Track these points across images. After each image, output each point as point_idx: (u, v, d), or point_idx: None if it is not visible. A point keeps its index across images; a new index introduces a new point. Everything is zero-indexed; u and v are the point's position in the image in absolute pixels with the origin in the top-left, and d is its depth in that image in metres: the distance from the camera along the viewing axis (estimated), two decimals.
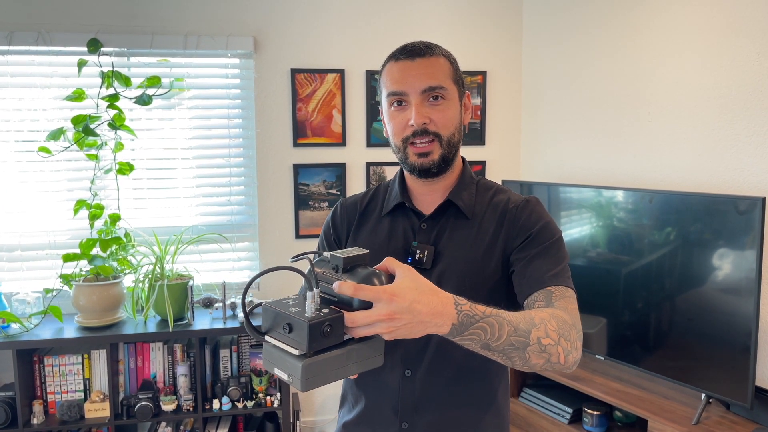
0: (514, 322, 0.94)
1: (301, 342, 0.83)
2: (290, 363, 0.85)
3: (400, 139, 1.17)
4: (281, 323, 0.86)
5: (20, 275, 2.90)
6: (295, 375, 0.84)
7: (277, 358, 0.88)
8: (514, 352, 0.94)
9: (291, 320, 0.84)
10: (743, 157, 2.20)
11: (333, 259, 0.91)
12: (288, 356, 0.85)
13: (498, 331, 0.92)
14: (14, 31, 2.74)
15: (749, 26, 2.15)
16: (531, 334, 0.95)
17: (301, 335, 0.83)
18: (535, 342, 0.95)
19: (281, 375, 0.87)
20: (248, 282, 0.90)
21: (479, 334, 0.91)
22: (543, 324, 0.97)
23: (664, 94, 2.50)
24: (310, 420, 3.23)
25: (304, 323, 0.82)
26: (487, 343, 0.92)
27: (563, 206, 2.72)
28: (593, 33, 2.84)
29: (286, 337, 0.85)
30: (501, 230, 1.17)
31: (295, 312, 0.85)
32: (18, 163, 2.85)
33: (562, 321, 1.00)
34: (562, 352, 0.98)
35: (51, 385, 2.72)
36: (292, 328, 0.84)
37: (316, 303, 0.86)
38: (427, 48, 1.15)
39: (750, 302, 1.99)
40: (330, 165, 3.14)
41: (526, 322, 0.96)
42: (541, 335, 0.96)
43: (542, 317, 0.98)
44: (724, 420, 2.12)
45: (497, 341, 0.92)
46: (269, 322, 0.89)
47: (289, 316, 0.85)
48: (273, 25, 3.02)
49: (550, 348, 0.96)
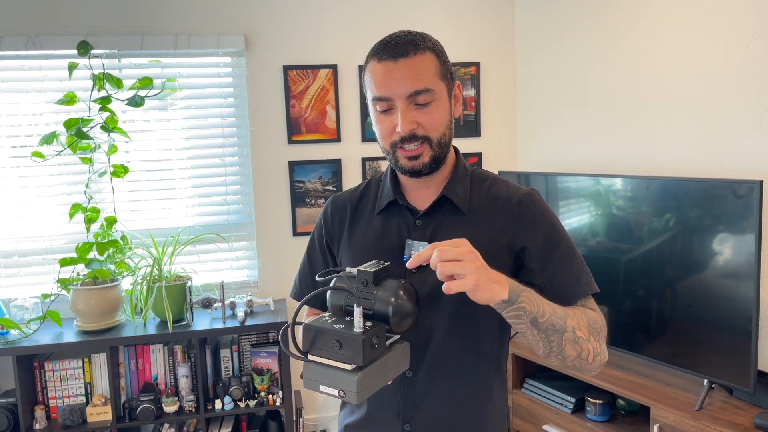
0: (551, 304, 1.01)
1: (355, 356, 0.88)
2: (342, 378, 0.89)
3: (389, 143, 1.13)
4: (329, 341, 0.90)
5: (18, 281, 2.89)
6: (350, 389, 0.89)
7: (324, 376, 0.92)
8: (554, 335, 1.00)
9: (340, 336, 0.89)
10: (740, 141, 2.19)
11: (361, 275, 0.97)
12: (338, 372, 0.90)
13: (541, 307, 0.99)
14: (4, 36, 2.73)
15: (742, 8, 2.13)
16: (567, 321, 1.01)
17: (354, 350, 0.88)
18: (571, 330, 1.01)
19: (329, 391, 0.91)
20: (296, 308, 0.94)
21: (527, 304, 0.97)
22: (576, 317, 1.03)
23: (659, 80, 2.48)
24: (313, 417, 3.23)
25: (356, 338, 0.87)
26: (535, 317, 0.98)
27: (561, 196, 2.71)
28: (586, 21, 2.83)
29: (337, 353, 0.90)
30: (503, 226, 1.15)
31: (341, 329, 0.90)
32: (12, 168, 2.84)
33: (593, 320, 1.06)
34: (592, 350, 1.04)
35: (52, 390, 2.71)
36: (342, 345, 0.89)
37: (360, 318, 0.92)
38: (411, 44, 1.08)
39: (750, 286, 1.98)
40: (325, 161, 3.12)
41: (561, 308, 1.02)
42: (575, 326, 1.02)
43: (575, 312, 1.04)
44: (727, 405, 2.11)
45: (542, 317, 0.98)
46: (311, 341, 0.93)
47: (337, 332, 0.90)
48: (264, 22, 3.00)
49: (582, 342, 1.02)
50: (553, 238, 1.14)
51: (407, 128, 1.09)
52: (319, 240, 1.31)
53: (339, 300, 0.97)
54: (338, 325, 0.91)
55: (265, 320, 2.77)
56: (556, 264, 1.12)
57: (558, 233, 1.15)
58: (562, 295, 1.11)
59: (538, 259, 1.13)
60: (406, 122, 1.08)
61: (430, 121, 1.10)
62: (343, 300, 0.97)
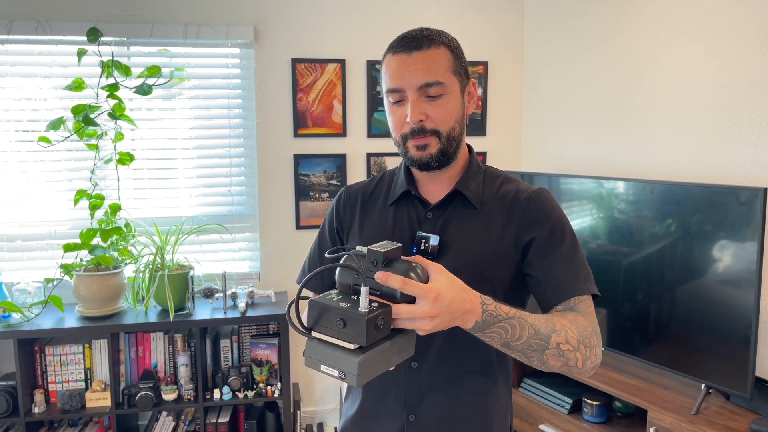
0: (536, 326, 1.00)
1: (358, 336, 0.85)
2: (343, 359, 0.87)
3: (399, 134, 1.16)
4: (333, 319, 0.88)
5: (21, 265, 2.90)
6: (351, 370, 0.86)
7: (326, 356, 0.89)
8: (532, 353, 1.00)
9: (345, 315, 0.87)
10: (745, 148, 2.19)
11: (371, 254, 0.94)
12: (340, 352, 0.87)
13: (519, 332, 0.98)
14: (14, 20, 2.73)
15: (751, 15, 2.14)
16: (551, 339, 1.00)
17: (357, 329, 0.85)
18: (554, 347, 1.01)
19: (330, 372, 0.89)
20: (302, 282, 0.92)
21: (500, 333, 0.97)
22: (564, 330, 1.03)
23: (666, 85, 2.49)
24: (311, 410, 3.24)
25: (361, 317, 0.85)
26: (507, 341, 0.98)
27: (564, 197, 2.71)
28: (595, 23, 2.83)
29: (340, 332, 0.87)
30: (511, 221, 1.16)
31: (346, 307, 0.88)
32: (18, 153, 2.84)
33: (583, 328, 1.06)
34: (581, 357, 1.04)
35: (52, 375, 2.72)
36: (346, 323, 0.86)
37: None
38: (426, 39, 1.11)
39: (750, 293, 1.99)
40: (330, 155, 3.13)
41: (547, 326, 1.01)
42: (561, 341, 1.02)
43: (563, 324, 1.04)
44: (724, 410, 2.13)
45: (517, 341, 0.98)
46: (316, 318, 0.91)
47: (342, 310, 0.87)
48: (273, 14, 3.01)
49: (568, 353, 1.02)
50: (558, 234, 1.15)
51: (416, 118, 1.10)
52: (330, 227, 1.32)
53: (347, 278, 0.95)
54: (344, 303, 0.89)
55: (265, 312, 2.78)
56: (558, 258, 1.13)
57: (564, 230, 1.16)
58: (559, 289, 1.11)
59: (541, 251, 1.14)
60: (415, 112, 1.10)
61: (440, 114, 1.12)
62: (352, 278, 0.95)
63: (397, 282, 0.88)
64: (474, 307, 0.94)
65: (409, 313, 0.88)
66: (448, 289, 0.90)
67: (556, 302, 1.11)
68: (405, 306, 0.89)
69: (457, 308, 0.91)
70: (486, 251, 1.14)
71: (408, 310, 0.88)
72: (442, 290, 0.89)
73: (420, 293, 0.88)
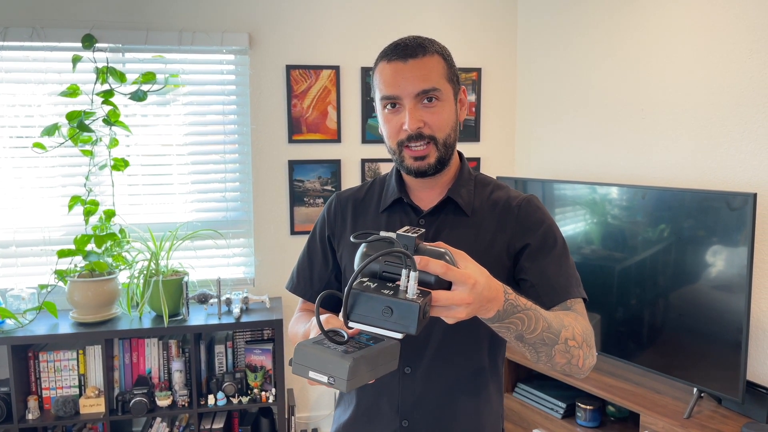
0: (548, 320, 0.99)
1: (408, 324, 0.81)
2: (333, 363, 0.83)
3: (395, 142, 1.16)
4: (377, 307, 0.83)
5: (15, 271, 2.90)
6: (341, 375, 0.82)
7: (314, 361, 0.85)
8: (543, 347, 1.00)
9: (392, 303, 0.83)
10: (735, 154, 2.21)
11: (402, 238, 0.89)
12: (330, 358, 0.84)
13: (534, 324, 0.97)
14: (9, 26, 2.73)
15: (741, 23, 2.16)
16: (561, 334, 1.01)
17: (408, 317, 0.81)
18: (563, 342, 1.01)
19: (318, 378, 0.85)
20: (359, 267, 0.86)
21: (517, 323, 0.95)
22: (571, 327, 1.04)
23: (657, 91, 2.51)
24: (305, 416, 3.24)
25: (413, 305, 0.81)
26: (522, 333, 0.96)
27: (557, 203, 2.73)
28: (587, 31, 2.85)
29: (387, 321, 0.83)
30: (503, 228, 1.17)
31: (391, 294, 0.83)
32: (12, 159, 2.84)
33: (585, 327, 1.07)
34: (582, 356, 1.05)
35: (46, 381, 2.72)
36: (393, 311, 0.82)
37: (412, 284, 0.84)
38: (420, 47, 1.12)
39: (741, 298, 2.01)
40: (325, 161, 3.14)
41: (557, 322, 1.02)
42: (569, 336, 1.02)
43: (569, 321, 1.05)
44: (716, 414, 2.14)
45: (531, 334, 0.97)
46: (351, 307, 0.86)
47: (389, 299, 0.83)
48: (268, 21, 3.02)
49: (574, 350, 1.03)
50: (551, 239, 1.16)
51: (414, 126, 1.11)
52: (320, 234, 1.33)
53: (376, 264, 0.89)
54: (386, 291, 0.84)
55: (260, 317, 2.78)
56: (551, 261, 1.14)
57: (556, 235, 1.18)
58: (554, 292, 1.13)
59: (535, 256, 1.15)
60: (413, 120, 1.11)
61: (437, 120, 1.13)
62: (379, 265, 0.89)
63: (440, 267, 0.83)
64: (498, 296, 0.91)
65: (447, 300, 0.84)
66: (480, 275, 0.87)
67: (552, 305, 1.12)
68: (444, 292, 0.84)
69: (486, 296, 0.87)
70: (478, 258, 1.15)
71: (447, 296, 0.84)
72: (478, 277, 0.86)
73: (460, 279, 0.84)
